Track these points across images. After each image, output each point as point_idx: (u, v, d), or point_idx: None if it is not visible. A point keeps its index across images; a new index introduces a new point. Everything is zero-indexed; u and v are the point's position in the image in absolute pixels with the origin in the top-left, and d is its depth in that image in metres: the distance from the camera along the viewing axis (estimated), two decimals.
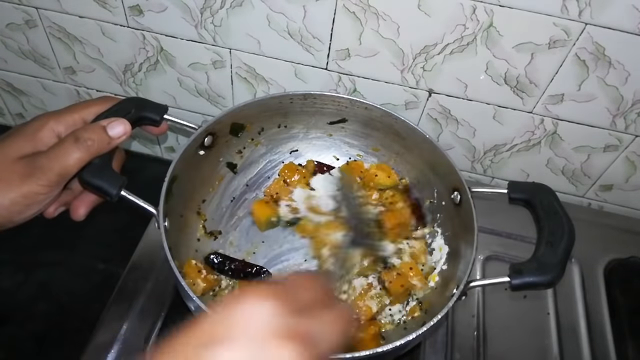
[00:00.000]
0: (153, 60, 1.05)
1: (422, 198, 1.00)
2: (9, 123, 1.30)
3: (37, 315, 1.01)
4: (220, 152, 0.97)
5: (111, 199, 0.74)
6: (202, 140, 0.90)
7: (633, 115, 0.97)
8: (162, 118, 0.82)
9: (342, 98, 0.96)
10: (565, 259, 0.75)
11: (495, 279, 0.76)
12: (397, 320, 0.90)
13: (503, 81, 0.95)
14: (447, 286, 0.87)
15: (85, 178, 0.72)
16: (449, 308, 0.74)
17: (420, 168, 0.99)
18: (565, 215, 0.79)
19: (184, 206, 0.91)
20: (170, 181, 0.82)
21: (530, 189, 0.83)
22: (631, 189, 1.12)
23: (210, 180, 0.98)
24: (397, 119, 0.94)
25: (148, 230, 1.02)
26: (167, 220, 0.79)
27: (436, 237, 0.97)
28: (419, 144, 0.95)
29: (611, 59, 0.88)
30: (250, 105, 0.92)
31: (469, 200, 0.84)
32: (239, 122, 0.96)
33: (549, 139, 1.05)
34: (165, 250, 0.74)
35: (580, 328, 0.97)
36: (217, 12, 0.94)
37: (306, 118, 1.01)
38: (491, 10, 0.85)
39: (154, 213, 0.76)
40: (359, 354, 0.69)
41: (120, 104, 0.80)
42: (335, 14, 0.91)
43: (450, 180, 0.91)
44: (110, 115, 0.76)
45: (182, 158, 0.84)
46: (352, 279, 0.92)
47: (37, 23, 1.03)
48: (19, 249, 1.10)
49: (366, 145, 1.04)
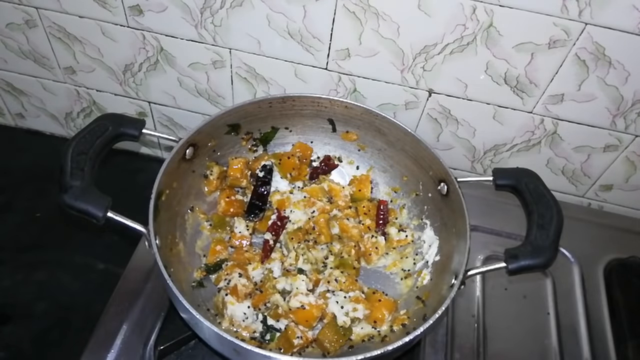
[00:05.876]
0: (153, 60, 1.05)
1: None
2: (9, 123, 1.30)
3: (37, 315, 1.01)
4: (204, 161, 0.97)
5: (97, 222, 0.71)
6: (184, 152, 0.90)
7: (633, 115, 0.97)
8: (141, 133, 0.82)
9: (321, 98, 0.97)
10: (557, 239, 0.77)
11: (492, 265, 0.78)
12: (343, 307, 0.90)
13: (503, 81, 0.95)
14: (443, 278, 0.87)
15: (68, 202, 0.69)
16: (451, 299, 0.75)
17: (403, 162, 1.00)
18: (553, 198, 0.80)
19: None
20: (156, 197, 0.81)
21: (515, 175, 0.84)
22: (631, 189, 1.12)
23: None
24: (377, 115, 0.96)
25: None
26: (158, 238, 0.78)
27: (425, 229, 0.98)
28: (401, 138, 0.97)
29: (611, 59, 0.88)
30: (230, 112, 0.93)
31: (456, 190, 0.86)
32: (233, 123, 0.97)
33: (549, 139, 1.05)
34: (160, 267, 0.74)
35: (580, 328, 0.97)
36: (217, 12, 0.94)
37: (286, 120, 1.02)
38: (491, 10, 0.85)
39: (144, 232, 0.75)
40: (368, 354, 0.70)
41: (96, 121, 0.78)
42: (335, 14, 0.91)
43: (435, 171, 0.93)
44: (86, 135, 0.74)
45: (165, 172, 0.84)
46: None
47: (37, 23, 1.03)
48: (19, 249, 1.10)
49: (350, 144, 1.06)
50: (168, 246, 0.87)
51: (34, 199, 1.17)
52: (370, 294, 0.93)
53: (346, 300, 0.90)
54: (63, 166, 0.73)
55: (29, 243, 1.11)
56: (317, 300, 0.89)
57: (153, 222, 0.77)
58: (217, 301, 0.90)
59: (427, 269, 0.94)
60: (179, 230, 0.93)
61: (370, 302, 0.90)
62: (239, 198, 1.01)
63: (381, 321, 0.89)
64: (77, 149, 0.76)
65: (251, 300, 0.89)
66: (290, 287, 0.91)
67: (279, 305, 0.89)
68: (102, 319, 0.89)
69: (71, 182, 0.72)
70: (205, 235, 0.98)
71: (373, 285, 0.96)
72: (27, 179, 1.20)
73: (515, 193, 0.84)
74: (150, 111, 1.18)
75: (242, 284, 0.89)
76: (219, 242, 0.96)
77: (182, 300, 0.72)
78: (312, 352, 0.86)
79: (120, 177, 1.18)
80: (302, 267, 0.94)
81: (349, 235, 0.99)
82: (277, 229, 0.97)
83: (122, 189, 0.86)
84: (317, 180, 1.06)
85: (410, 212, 1.03)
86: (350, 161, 1.07)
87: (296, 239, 0.96)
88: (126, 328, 0.88)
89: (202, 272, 0.93)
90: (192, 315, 0.72)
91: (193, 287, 0.91)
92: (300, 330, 0.85)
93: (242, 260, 0.94)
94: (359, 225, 1.00)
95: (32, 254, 1.09)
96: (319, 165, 1.07)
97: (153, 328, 0.89)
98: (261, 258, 0.95)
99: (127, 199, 0.78)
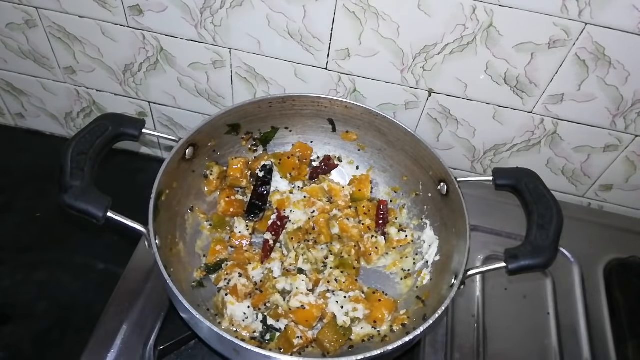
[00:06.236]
0: (153, 60, 1.05)
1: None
2: (9, 123, 1.30)
3: (37, 315, 1.01)
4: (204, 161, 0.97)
5: (97, 222, 0.71)
6: (184, 152, 0.90)
7: (633, 115, 0.97)
8: (141, 132, 0.82)
9: (321, 98, 0.97)
10: (557, 239, 0.77)
11: (492, 265, 0.78)
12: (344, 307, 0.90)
13: (503, 81, 0.95)
14: (443, 278, 0.87)
15: (68, 202, 0.70)
16: (451, 299, 0.75)
17: (403, 162, 1.01)
18: (552, 198, 0.80)
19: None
20: (156, 197, 0.81)
21: (515, 175, 0.84)
22: (631, 189, 1.12)
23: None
24: (377, 115, 0.96)
25: None
26: (158, 238, 0.78)
27: (425, 229, 0.99)
28: (401, 138, 0.97)
29: (611, 59, 0.88)
30: (230, 112, 0.93)
31: (456, 190, 0.86)
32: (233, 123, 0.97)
33: (549, 139, 1.05)
34: (160, 267, 0.74)
35: (580, 328, 0.97)
36: (217, 12, 0.94)
37: (286, 120, 1.02)
38: (491, 10, 0.85)
39: (144, 232, 0.75)
40: (368, 354, 0.70)
41: (96, 121, 0.78)
42: (335, 14, 0.91)
43: (435, 171, 0.93)
44: (86, 135, 0.74)
45: (165, 172, 0.84)
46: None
47: (37, 23, 1.03)
48: (19, 249, 1.10)
49: (350, 144, 1.05)
50: (168, 246, 0.87)
51: (34, 199, 1.17)
52: (370, 294, 0.93)
53: (346, 300, 0.90)
54: (63, 166, 0.73)
55: (29, 243, 1.11)
56: (317, 300, 0.89)
57: (153, 222, 0.77)
58: (217, 301, 0.90)
59: (427, 269, 0.94)
60: (179, 230, 0.93)
61: (370, 302, 0.90)
62: (239, 198, 1.01)
63: (381, 321, 0.89)
64: (77, 149, 0.76)
65: (251, 300, 0.89)
66: (290, 287, 0.91)
67: (279, 305, 0.89)
68: (102, 319, 0.89)
69: (71, 182, 0.72)
70: (205, 235, 0.98)
71: (373, 285, 0.96)
72: (27, 179, 1.20)
73: (515, 193, 0.84)
74: (150, 111, 1.18)
75: (242, 284, 0.89)
76: (219, 242, 0.96)
77: (182, 300, 0.72)
78: (312, 352, 0.86)
79: (120, 177, 1.18)
80: (302, 267, 0.94)
81: (349, 235, 0.99)
82: (277, 229, 0.97)
83: (122, 189, 0.86)
84: (317, 180, 1.06)
85: (410, 212, 1.03)
86: (350, 161, 1.07)
87: (296, 239, 0.96)
88: (126, 328, 0.88)
89: (202, 272, 0.93)
90: (192, 315, 0.72)
91: (193, 287, 0.91)
92: (300, 330, 0.85)
93: (242, 260, 0.94)
94: (359, 225, 1.00)
95: (32, 254, 1.09)
96: (319, 165, 1.07)
97: (153, 328, 0.89)
98: (261, 258, 0.95)
99: (127, 199, 0.78)
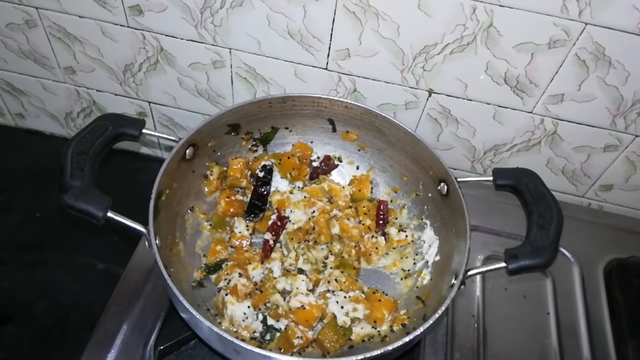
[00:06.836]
0: (153, 60, 1.05)
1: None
2: (9, 123, 1.30)
3: (37, 315, 1.01)
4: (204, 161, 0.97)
5: (97, 222, 0.71)
6: (184, 152, 0.90)
7: (633, 115, 0.97)
8: (141, 132, 0.82)
9: (321, 98, 0.97)
10: (557, 240, 0.77)
11: (492, 265, 0.78)
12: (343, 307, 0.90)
13: (503, 81, 0.95)
14: (443, 278, 0.87)
15: (68, 202, 0.70)
16: (451, 299, 0.75)
17: (403, 162, 1.01)
18: (552, 198, 0.80)
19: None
20: (156, 197, 0.81)
21: (515, 175, 0.84)
22: (631, 189, 1.12)
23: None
24: (377, 115, 0.96)
25: None
26: (158, 238, 0.78)
27: (425, 229, 0.98)
28: (401, 138, 0.97)
29: (611, 59, 0.88)
30: (230, 112, 0.93)
31: (456, 190, 0.86)
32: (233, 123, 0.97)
33: (549, 139, 1.05)
34: (160, 267, 0.74)
35: (580, 328, 0.97)
36: (217, 12, 0.94)
37: (286, 120, 1.02)
38: (491, 10, 0.85)
39: (144, 232, 0.75)
40: (368, 354, 0.70)
41: (96, 121, 0.78)
42: (335, 14, 0.91)
43: (435, 171, 0.93)
44: (86, 135, 0.74)
45: (165, 172, 0.84)
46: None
47: (37, 23, 1.03)
48: (19, 249, 1.10)
49: (350, 144, 1.05)
50: (168, 246, 0.87)
51: (34, 199, 1.17)
52: (370, 294, 0.93)
53: (346, 300, 0.90)
54: (63, 166, 0.73)
55: (29, 243, 1.11)
56: (317, 300, 0.89)
57: (153, 222, 0.77)
58: (217, 301, 0.90)
59: (427, 269, 0.94)
60: (179, 230, 0.93)
61: (370, 302, 0.90)
62: (239, 198, 1.01)
63: (381, 321, 0.89)
64: (77, 149, 0.76)
65: (251, 300, 0.89)
66: (290, 287, 0.91)
67: (279, 305, 0.89)
68: (102, 319, 0.89)
69: (71, 182, 0.72)
70: (205, 235, 0.98)
71: (373, 285, 0.96)
72: (27, 179, 1.20)
73: (515, 193, 0.84)
74: (150, 111, 1.18)
75: (242, 284, 0.89)
76: (219, 242, 0.96)
77: (182, 300, 0.72)
78: (312, 352, 0.86)
79: (120, 177, 1.18)
80: (302, 267, 0.94)
81: (349, 235, 0.99)
82: (277, 229, 0.97)
83: (122, 189, 0.86)
84: (317, 180, 1.06)
85: (410, 212, 1.03)
86: (350, 161, 1.07)
87: (296, 239, 0.96)
88: (126, 328, 0.88)
89: (202, 272, 0.93)
90: (192, 315, 0.72)
91: (193, 287, 0.91)
92: (300, 330, 0.85)
93: (242, 260, 0.94)
94: (359, 225, 1.00)
95: (32, 254, 1.09)
96: (319, 165, 1.07)
97: (153, 328, 0.89)
98: (261, 258, 0.95)
99: (127, 199, 0.78)
